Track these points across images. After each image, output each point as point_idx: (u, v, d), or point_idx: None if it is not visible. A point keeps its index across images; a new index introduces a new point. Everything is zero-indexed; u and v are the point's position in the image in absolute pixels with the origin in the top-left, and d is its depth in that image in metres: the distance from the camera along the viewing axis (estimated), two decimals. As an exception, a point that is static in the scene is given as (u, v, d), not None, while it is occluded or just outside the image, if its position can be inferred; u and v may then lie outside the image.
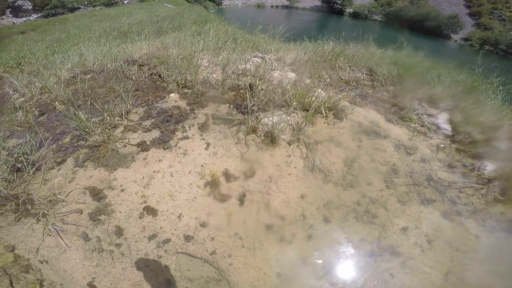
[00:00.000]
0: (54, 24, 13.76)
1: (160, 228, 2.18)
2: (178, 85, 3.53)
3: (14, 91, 3.65)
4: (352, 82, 3.69)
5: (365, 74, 3.90)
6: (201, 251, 2.18)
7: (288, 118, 2.94)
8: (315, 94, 3.19)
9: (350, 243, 2.43)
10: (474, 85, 3.40)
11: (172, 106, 3.19)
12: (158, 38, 5.41)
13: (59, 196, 2.16)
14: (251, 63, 3.86)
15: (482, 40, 31.13)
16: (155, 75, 3.83)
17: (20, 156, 2.36)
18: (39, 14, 23.97)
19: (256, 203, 2.50)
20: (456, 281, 2.23)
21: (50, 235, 1.96)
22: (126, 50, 4.53)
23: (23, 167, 2.35)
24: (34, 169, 2.37)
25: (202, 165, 2.62)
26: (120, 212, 2.20)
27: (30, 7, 24.57)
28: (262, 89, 3.32)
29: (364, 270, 2.30)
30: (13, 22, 19.15)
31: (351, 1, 39.75)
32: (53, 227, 1.97)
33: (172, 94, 3.36)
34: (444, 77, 3.51)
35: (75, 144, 2.68)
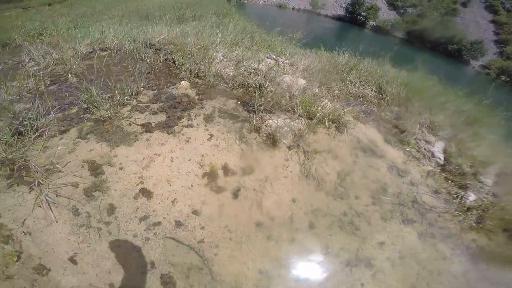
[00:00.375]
0: None
1: (153, 211, 2.09)
2: (190, 74, 3.41)
3: (30, 59, 3.51)
4: (360, 98, 3.59)
5: (374, 91, 3.79)
6: (189, 238, 2.10)
7: (292, 124, 2.85)
8: (322, 104, 3.10)
9: (331, 250, 2.38)
10: (477, 117, 3.30)
11: (181, 94, 3.08)
12: (179, 25, 5.27)
13: (57, 166, 2.05)
14: (264, 63, 3.75)
15: (500, 70, 28.72)
16: (169, 61, 3.71)
17: (25, 120, 2.25)
18: (68, -12, 23.28)
19: (250, 200, 2.41)
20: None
21: (40, 206, 1.84)
22: (146, 33, 4.39)
23: (26, 131, 2.24)
24: (36, 134, 2.25)
25: (202, 155, 2.52)
26: (115, 190, 2.10)
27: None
28: (271, 91, 3.22)
29: (339, 277, 2.26)
30: None
31: (376, 15, 37.78)
32: (45, 198, 1.85)
33: (183, 82, 3.25)
34: (449, 104, 3.40)
35: (81, 116, 2.57)
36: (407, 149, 3.06)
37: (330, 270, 2.28)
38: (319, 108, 3.01)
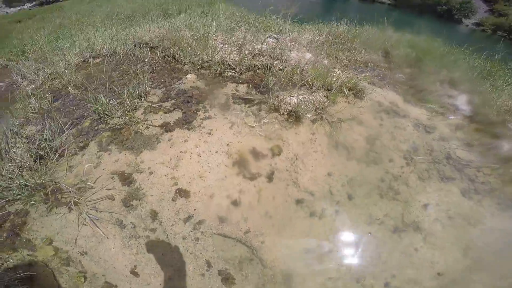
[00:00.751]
0: (51, 12, 12.65)
1: (194, 209, 1.99)
2: (194, 66, 3.22)
3: (22, 78, 3.29)
4: (370, 64, 3.44)
5: (381, 56, 3.64)
6: (235, 231, 2.02)
7: (311, 98, 2.71)
8: (335, 75, 2.95)
9: (376, 219, 2.31)
10: (492, 71, 3.21)
11: (190, 87, 2.91)
12: (166, 20, 4.98)
13: (89, 183, 1.91)
14: (266, 44, 3.55)
15: (495, 26, 27.91)
16: (168, 57, 3.49)
17: (43, 143, 2.09)
18: (33, 3, 22.07)
19: (285, 181, 2.32)
20: (475, 256, 2.15)
21: (85, 225, 1.73)
22: (135, 33, 4.13)
23: (46, 154, 2.09)
24: (57, 155, 2.10)
25: (228, 144, 2.40)
26: (152, 195, 1.99)
27: (24, -3, 22.71)
28: (281, 69, 3.06)
29: (390, 245, 2.19)
30: (6, 12, 17.72)
31: (359, -17, 35.83)
32: (87, 216, 1.74)
33: (189, 75, 3.07)
34: (460, 62, 3.31)
35: (96, 128, 2.41)
36: (429, 106, 2.95)
37: (379, 239, 2.20)
38: (334, 78, 2.87)
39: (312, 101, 2.73)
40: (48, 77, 3.20)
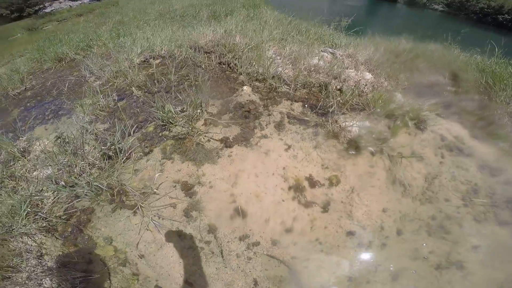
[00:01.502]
0: (108, 7, 13.62)
1: (250, 230, 2.09)
2: (249, 78, 3.31)
3: (90, 73, 3.59)
4: (435, 87, 3.30)
5: (448, 79, 3.47)
6: (284, 255, 2.10)
7: (373, 127, 2.69)
8: (397, 100, 2.88)
9: (424, 257, 2.29)
10: None
11: (247, 100, 3.00)
12: (216, 22, 5.13)
13: (154, 190, 2.09)
14: (322, 59, 3.54)
15: None
16: (223, 64, 3.62)
17: (113, 145, 2.30)
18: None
19: (339, 212, 2.35)
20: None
21: (147, 229, 1.90)
22: (190, 35, 4.31)
23: (114, 155, 2.30)
24: (125, 158, 2.31)
25: (284, 168, 2.46)
26: (211, 210, 2.12)
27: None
28: (340, 90, 3.05)
29: (429, 280, 2.18)
30: (70, 5, 19.55)
31: (406, -13, 33.64)
32: (152, 221, 1.90)
33: (245, 87, 3.16)
34: None
35: (160, 134, 2.59)
36: (499, 143, 2.78)
37: (420, 274, 2.20)
38: (397, 106, 2.81)
39: (374, 131, 2.70)
40: (113, 74, 3.46)
